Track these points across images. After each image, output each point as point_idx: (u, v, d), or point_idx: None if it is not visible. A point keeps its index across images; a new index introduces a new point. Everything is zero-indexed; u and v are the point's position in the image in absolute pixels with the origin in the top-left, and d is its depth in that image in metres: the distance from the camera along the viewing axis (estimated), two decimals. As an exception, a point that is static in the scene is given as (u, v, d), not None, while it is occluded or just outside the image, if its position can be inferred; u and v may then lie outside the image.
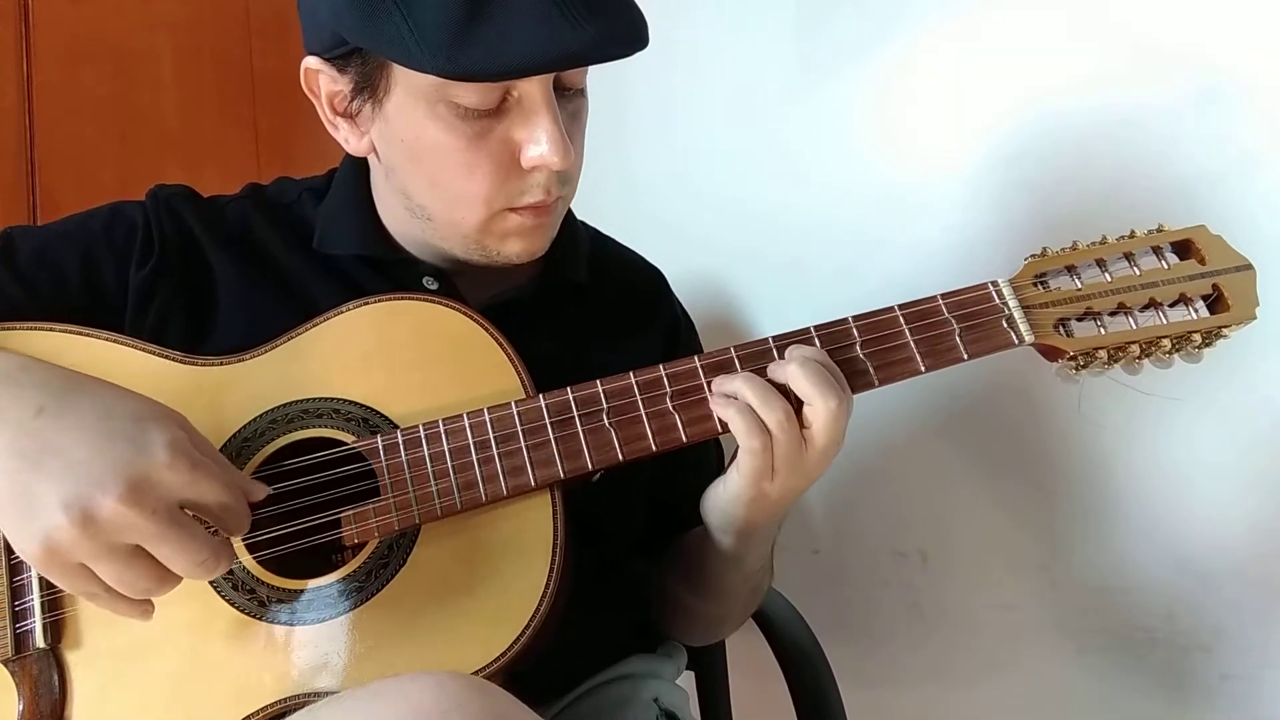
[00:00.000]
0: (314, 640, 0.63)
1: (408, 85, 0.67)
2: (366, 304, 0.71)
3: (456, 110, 0.67)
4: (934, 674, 1.09)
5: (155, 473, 0.54)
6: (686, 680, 0.96)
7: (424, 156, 0.70)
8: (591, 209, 0.92)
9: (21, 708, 0.61)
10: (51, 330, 0.69)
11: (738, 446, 0.68)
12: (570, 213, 0.85)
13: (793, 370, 0.65)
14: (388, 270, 0.79)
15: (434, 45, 0.61)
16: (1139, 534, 0.91)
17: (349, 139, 0.75)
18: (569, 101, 0.71)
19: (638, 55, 0.67)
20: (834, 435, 0.66)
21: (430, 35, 0.61)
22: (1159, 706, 0.90)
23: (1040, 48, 0.96)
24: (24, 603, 0.64)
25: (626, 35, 0.65)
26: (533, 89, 0.67)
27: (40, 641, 0.63)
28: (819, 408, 0.64)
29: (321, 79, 0.72)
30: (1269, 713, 0.84)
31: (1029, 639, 1.00)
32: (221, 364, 0.70)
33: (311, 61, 0.71)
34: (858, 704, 0.92)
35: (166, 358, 0.70)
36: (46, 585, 0.64)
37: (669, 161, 1.37)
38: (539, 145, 0.68)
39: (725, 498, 0.71)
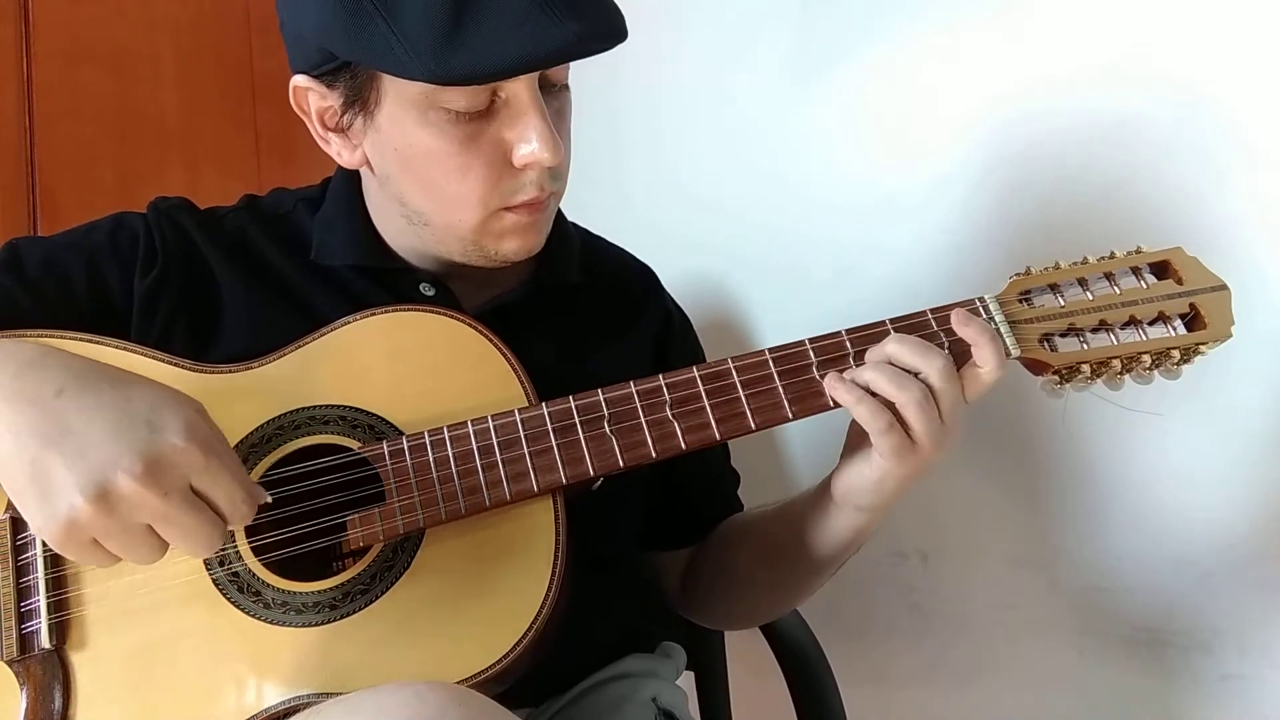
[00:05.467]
0: (319, 643, 0.64)
1: (398, 95, 0.68)
2: (373, 315, 0.73)
3: (447, 115, 0.68)
4: (934, 674, 1.09)
5: (172, 454, 0.55)
6: (686, 680, 0.96)
7: (418, 163, 0.71)
8: (585, 213, 0.93)
9: (25, 708, 0.62)
10: (63, 337, 0.70)
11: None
12: (561, 214, 0.85)
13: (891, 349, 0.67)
14: (384, 279, 0.80)
15: (422, 53, 0.62)
16: (1139, 534, 0.92)
17: (342, 153, 0.76)
18: (554, 98, 0.72)
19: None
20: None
21: (418, 44, 0.62)
22: (1159, 706, 0.90)
23: (1031, 57, 0.96)
24: (30, 603, 0.64)
25: (607, 30, 0.67)
26: (520, 89, 0.68)
27: (45, 642, 0.63)
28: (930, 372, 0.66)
29: (311, 96, 0.73)
30: (1269, 713, 0.84)
31: (1029, 639, 1.00)
32: (230, 371, 0.71)
33: (300, 80, 0.73)
34: (858, 703, 0.92)
35: (175, 365, 0.71)
36: (53, 586, 0.64)
37: (662, 165, 1.37)
38: (529, 144, 0.69)
39: (872, 478, 0.70)
